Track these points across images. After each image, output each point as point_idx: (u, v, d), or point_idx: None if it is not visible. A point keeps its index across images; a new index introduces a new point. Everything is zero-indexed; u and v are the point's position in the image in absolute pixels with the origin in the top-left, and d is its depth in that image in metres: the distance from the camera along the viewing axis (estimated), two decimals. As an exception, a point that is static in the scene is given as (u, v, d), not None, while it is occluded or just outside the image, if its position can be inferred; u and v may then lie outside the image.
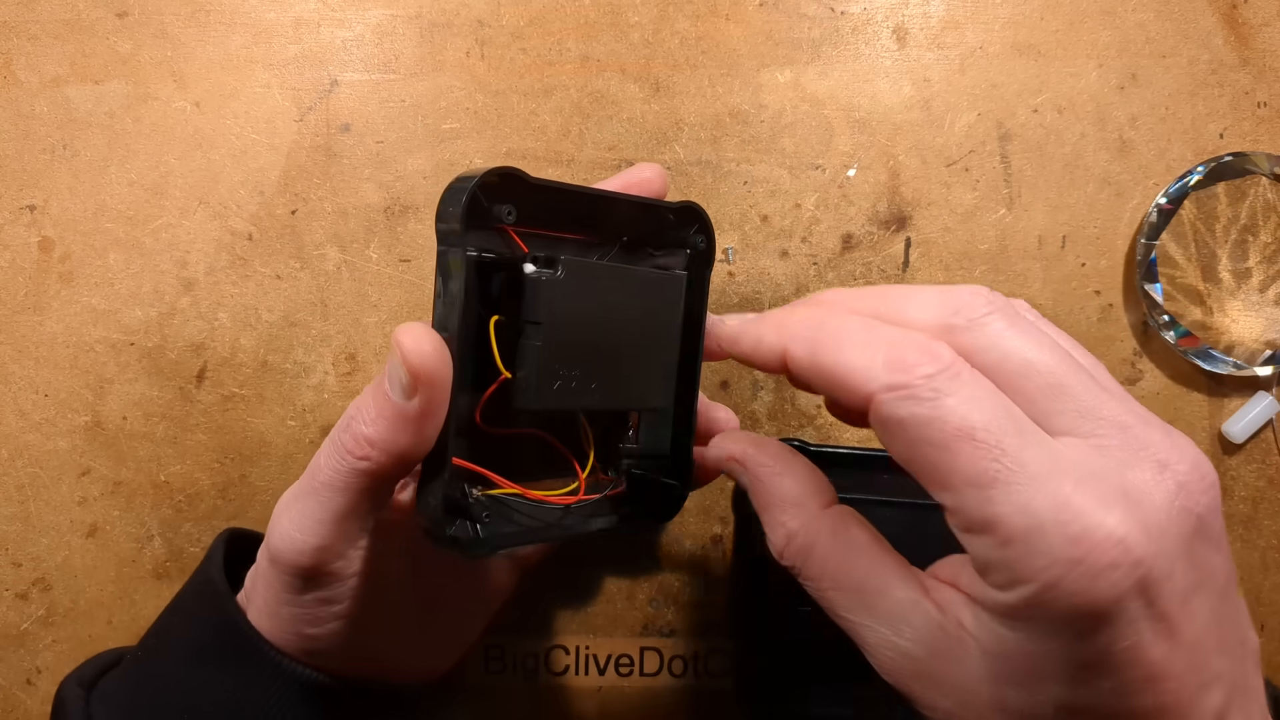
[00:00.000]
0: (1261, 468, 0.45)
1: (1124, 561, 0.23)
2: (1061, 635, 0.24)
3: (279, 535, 0.31)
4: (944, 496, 0.25)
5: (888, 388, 0.25)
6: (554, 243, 0.33)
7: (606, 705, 0.45)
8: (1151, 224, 0.44)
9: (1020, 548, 0.23)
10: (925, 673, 0.27)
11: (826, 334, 0.27)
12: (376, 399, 0.29)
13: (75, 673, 0.37)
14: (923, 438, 0.24)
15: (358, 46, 0.46)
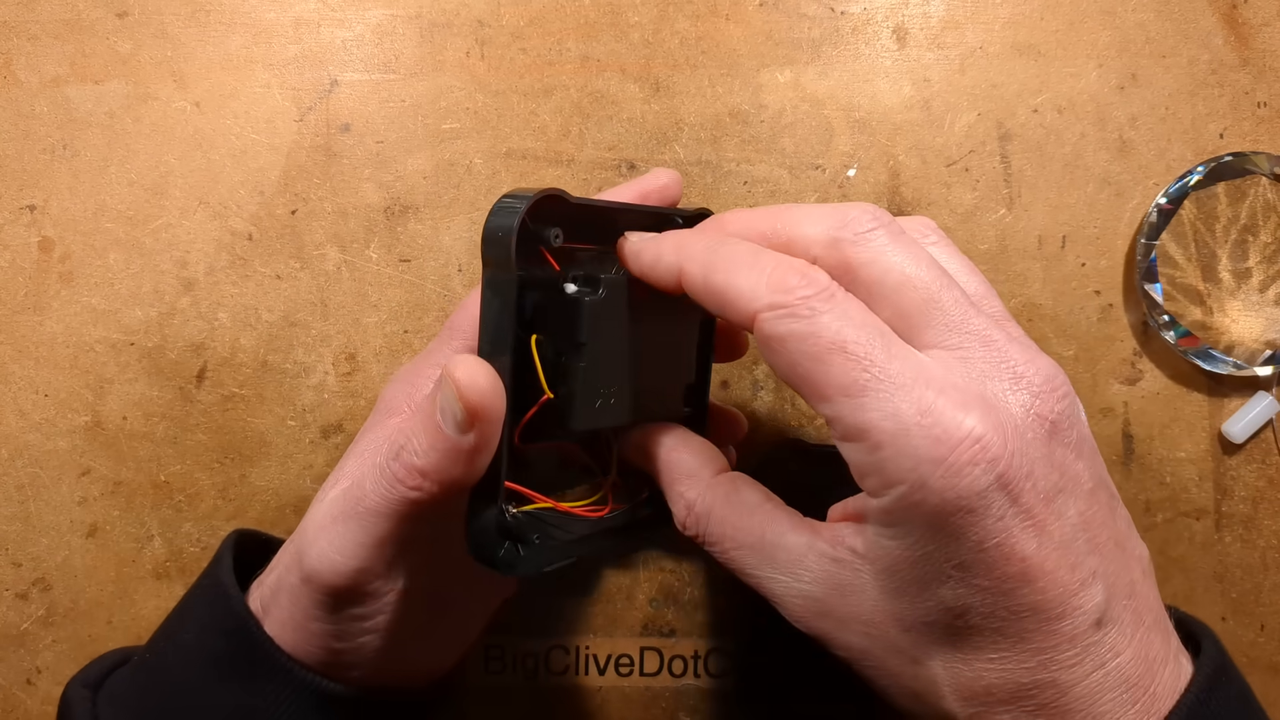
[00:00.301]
0: (1261, 468, 0.45)
1: (982, 459, 0.25)
2: (936, 536, 0.26)
3: (317, 556, 0.31)
4: (823, 407, 0.27)
5: (770, 306, 0.27)
6: (569, 254, 0.33)
7: (606, 705, 0.45)
8: (1151, 224, 0.44)
9: (889, 450, 0.25)
10: (830, 611, 0.28)
11: (719, 257, 0.28)
12: (428, 430, 0.29)
13: (80, 674, 0.36)
14: (800, 351, 0.26)
15: (358, 46, 0.46)
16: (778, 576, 0.29)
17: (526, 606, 0.45)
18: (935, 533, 0.25)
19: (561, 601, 0.45)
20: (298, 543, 0.33)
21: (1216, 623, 0.45)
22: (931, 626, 0.27)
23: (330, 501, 0.32)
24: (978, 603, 0.26)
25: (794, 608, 0.29)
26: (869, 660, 0.29)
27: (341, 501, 0.31)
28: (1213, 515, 0.45)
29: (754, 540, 0.30)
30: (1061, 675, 0.26)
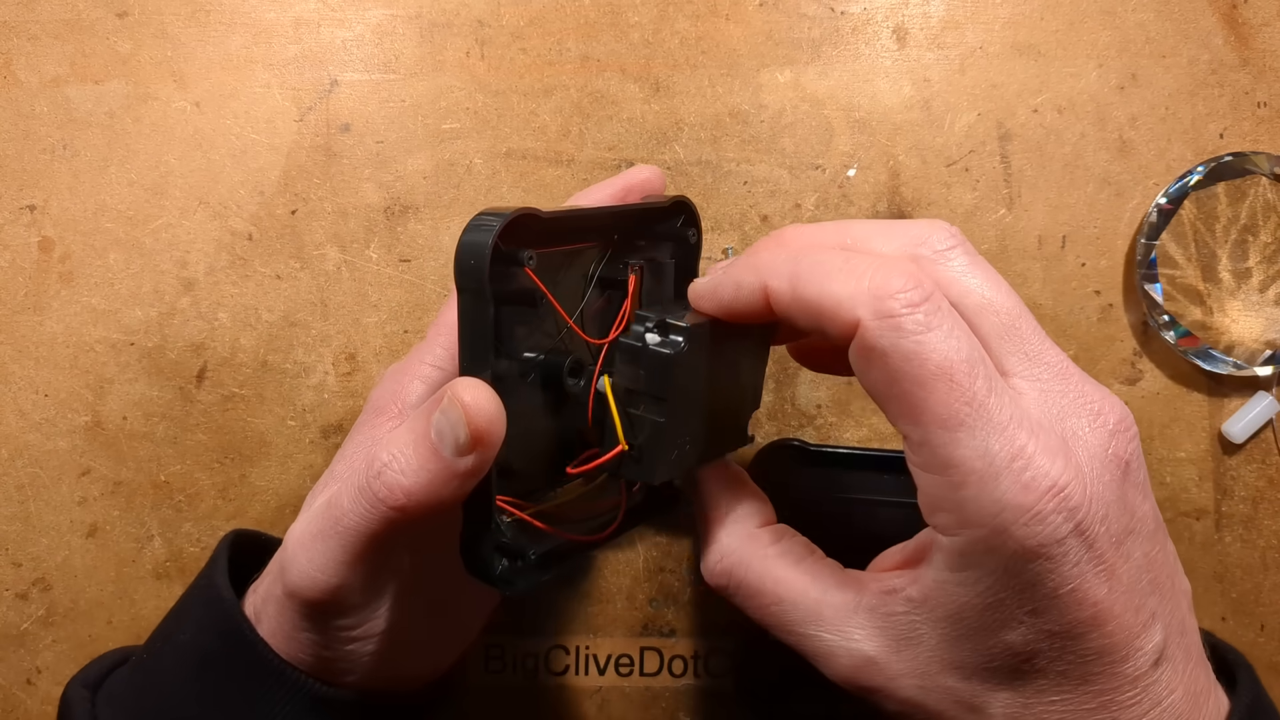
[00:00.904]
0: (1261, 468, 0.45)
1: (1065, 506, 0.24)
2: (1009, 581, 0.25)
3: (298, 573, 0.31)
4: (910, 430, 0.25)
5: (876, 314, 0.25)
6: (551, 257, 0.32)
7: (606, 705, 0.45)
8: (1151, 224, 0.44)
9: (974, 491, 0.24)
10: (883, 666, 0.27)
11: (805, 266, 0.26)
12: (420, 450, 0.28)
13: (80, 674, 0.37)
14: (903, 372, 0.25)
15: (358, 46, 0.46)
16: (823, 635, 0.28)
17: (527, 606, 0.45)
18: (1009, 577, 0.25)
19: (561, 601, 0.45)
20: (282, 556, 0.32)
21: (1216, 623, 0.45)
22: (994, 672, 0.26)
23: (312, 516, 0.31)
24: (1046, 647, 0.25)
25: (843, 668, 0.28)
26: (920, 712, 0.28)
27: (320, 519, 0.30)
28: (1213, 515, 0.45)
29: (796, 596, 0.29)
30: (1121, 715, 0.26)
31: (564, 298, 0.32)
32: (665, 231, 0.36)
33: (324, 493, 0.32)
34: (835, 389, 0.45)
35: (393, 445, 0.29)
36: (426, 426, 0.28)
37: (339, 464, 0.34)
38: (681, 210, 0.36)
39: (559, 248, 0.32)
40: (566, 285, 0.33)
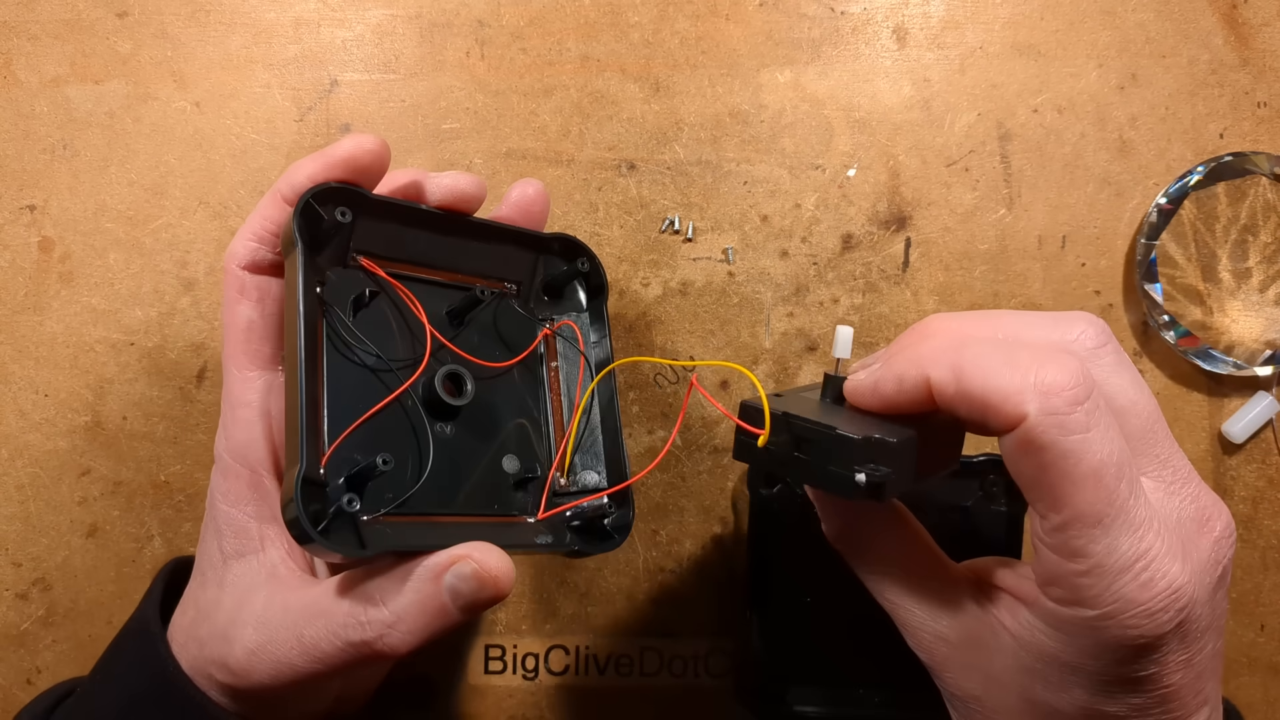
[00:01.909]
0: (1261, 468, 0.45)
1: (1173, 606, 0.26)
2: (1100, 655, 0.27)
3: (241, 658, 0.31)
4: (1049, 516, 0.26)
5: (1043, 411, 0.25)
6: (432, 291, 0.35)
7: (606, 705, 0.45)
8: (1151, 224, 0.44)
9: (1095, 580, 0.26)
10: (958, 657, 0.30)
11: (968, 358, 0.27)
12: (427, 613, 0.30)
13: (29, 706, 0.37)
14: (1058, 467, 0.26)
15: (358, 46, 0.46)
16: (916, 611, 0.31)
17: (527, 606, 0.45)
18: (1100, 653, 0.27)
19: (561, 601, 0.45)
20: (228, 624, 0.32)
21: (1216, 623, 0.45)
22: (1057, 714, 0.28)
23: (274, 638, 0.31)
24: (1113, 711, 0.28)
25: (924, 642, 0.31)
26: (975, 705, 0.30)
27: (288, 646, 0.31)
28: (1213, 515, 0.45)
29: (906, 571, 0.31)
30: None
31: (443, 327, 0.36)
32: (567, 276, 0.38)
33: (251, 596, 0.32)
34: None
35: (394, 606, 0.30)
36: (434, 590, 0.30)
37: (213, 541, 0.34)
38: (576, 252, 0.38)
39: (422, 273, 0.35)
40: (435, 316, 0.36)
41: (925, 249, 0.45)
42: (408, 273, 0.35)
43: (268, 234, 0.33)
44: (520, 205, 0.36)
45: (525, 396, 0.37)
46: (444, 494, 0.34)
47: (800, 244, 0.45)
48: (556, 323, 0.38)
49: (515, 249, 0.37)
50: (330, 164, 0.32)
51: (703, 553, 0.45)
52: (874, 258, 0.45)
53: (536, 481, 0.36)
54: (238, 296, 0.33)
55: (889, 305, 0.45)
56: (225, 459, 0.33)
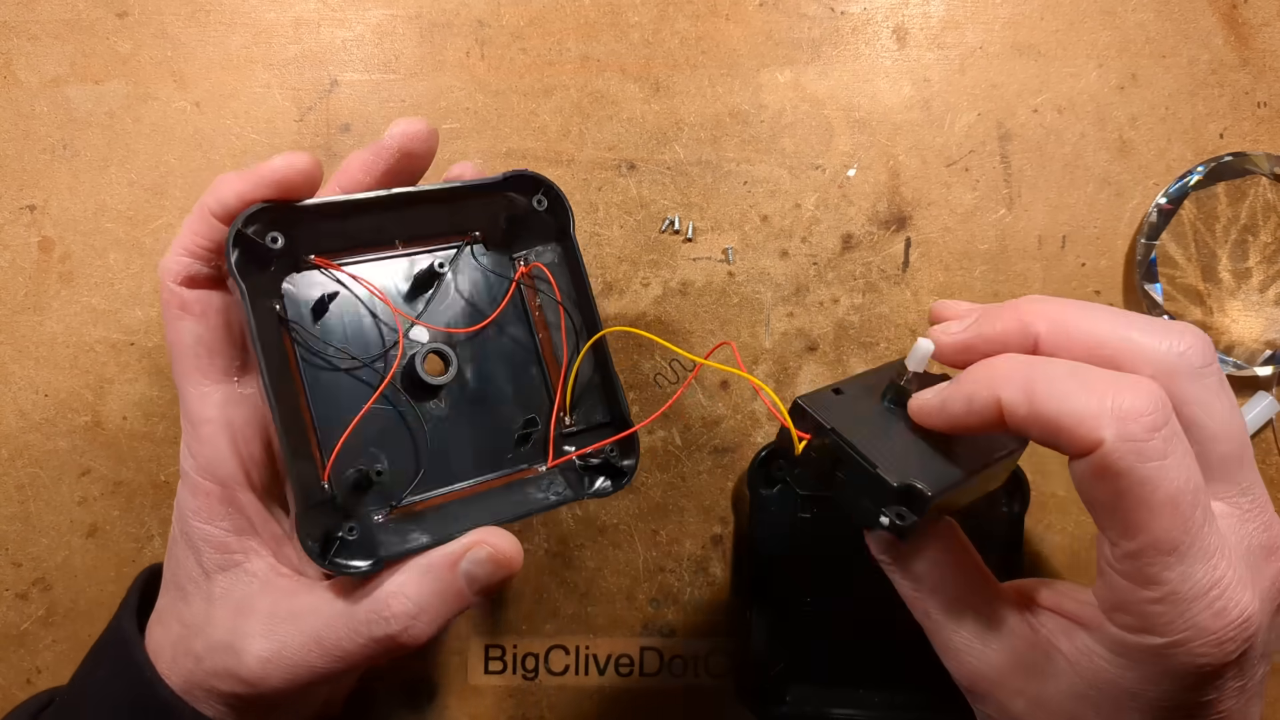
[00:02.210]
0: (1261, 468, 0.45)
1: (1242, 635, 0.26)
2: (1163, 682, 0.27)
3: (255, 667, 0.31)
4: (1122, 543, 0.26)
5: (1120, 437, 0.25)
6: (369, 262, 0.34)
7: (606, 705, 0.45)
8: (1151, 224, 0.44)
9: (1168, 608, 0.26)
10: (1005, 682, 0.29)
11: (1041, 380, 0.26)
12: (445, 598, 0.31)
13: (11, 715, 0.37)
14: (1134, 494, 0.25)
15: (358, 46, 0.46)
16: (961, 633, 0.30)
17: (527, 606, 0.45)
18: (1164, 679, 0.27)
19: (561, 601, 0.45)
20: (230, 636, 0.32)
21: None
22: None
23: (283, 638, 0.32)
24: None
25: (969, 666, 0.30)
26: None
27: (300, 648, 0.31)
28: (1213, 515, 0.45)
29: (956, 593, 0.30)
30: None
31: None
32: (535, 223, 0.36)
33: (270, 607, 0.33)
34: (835, 389, 0.45)
35: (415, 598, 0.31)
36: (452, 578, 0.31)
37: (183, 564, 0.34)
38: (532, 187, 0.35)
39: (365, 251, 0.34)
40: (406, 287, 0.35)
41: (925, 249, 0.45)
42: (366, 257, 0.34)
43: (199, 249, 0.32)
44: (402, 146, 0.34)
45: (514, 345, 0.36)
46: (450, 468, 0.34)
47: (800, 244, 0.45)
48: (529, 264, 0.36)
49: (470, 202, 0.35)
50: (260, 183, 0.31)
51: (703, 553, 0.45)
52: (874, 258, 0.45)
53: (541, 430, 0.36)
54: (179, 313, 0.32)
55: (889, 305, 0.45)
56: (193, 477, 0.33)
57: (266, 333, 0.31)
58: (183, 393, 0.33)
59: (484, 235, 0.36)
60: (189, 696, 0.32)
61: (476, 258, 0.36)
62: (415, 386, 0.34)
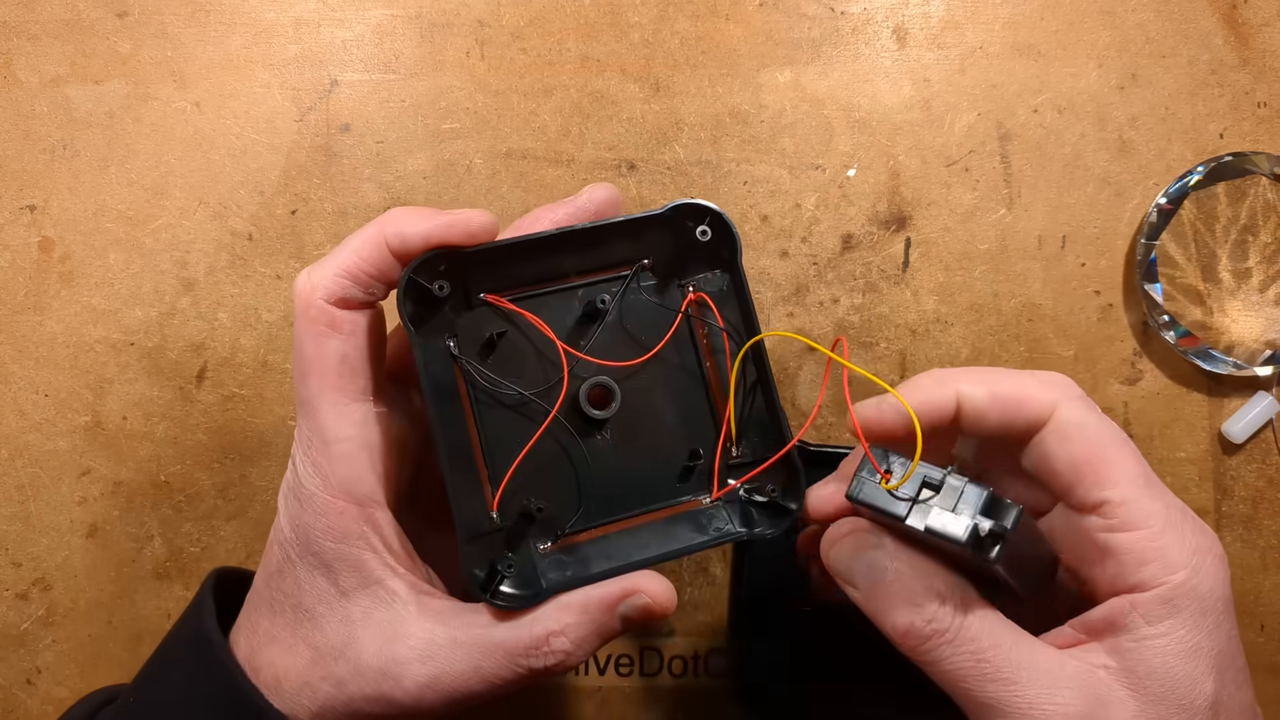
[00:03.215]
0: (1261, 468, 0.45)
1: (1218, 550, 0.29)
2: (1202, 622, 0.28)
3: (413, 690, 0.32)
4: (1109, 494, 0.29)
5: (1071, 398, 0.30)
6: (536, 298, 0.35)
7: (606, 705, 0.45)
8: (1151, 224, 0.44)
9: (1174, 536, 0.28)
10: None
11: (991, 372, 0.31)
12: (600, 633, 0.32)
13: (67, 714, 0.36)
14: (1100, 439, 0.29)
15: (358, 46, 0.46)
16: (1027, 692, 0.29)
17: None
18: (1204, 618, 0.28)
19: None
20: (383, 660, 0.32)
21: (1216, 623, 0.45)
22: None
23: (439, 666, 0.32)
24: (1228, 695, 0.28)
25: (1050, 717, 0.28)
26: None
27: (457, 659, 0.32)
28: (1213, 515, 0.45)
29: (1005, 654, 0.29)
30: None
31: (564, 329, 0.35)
32: (695, 249, 0.35)
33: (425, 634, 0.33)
34: (835, 389, 0.45)
35: (573, 635, 0.32)
36: (609, 619, 0.32)
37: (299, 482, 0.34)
38: (696, 216, 0.35)
39: (531, 290, 0.34)
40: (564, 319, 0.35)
41: (925, 249, 0.45)
42: (536, 291, 0.35)
43: (362, 274, 0.32)
44: (590, 210, 0.35)
45: (680, 375, 0.36)
46: (613, 500, 0.35)
47: (800, 244, 0.45)
48: (694, 292, 0.36)
49: (637, 233, 0.35)
50: (448, 228, 0.32)
51: (703, 553, 0.45)
52: (874, 258, 0.45)
53: (706, 461, 0.36)
54: (328, 331, 0.32)
55: (889, 305, 0.45)
56: (321, 497, 0.32)
57: (436, 372, 0.33)
58: (316, 410, 0.32)
59: (652, 263, 0.36)
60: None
61: (641, 288, 0.36)
62: (580, 420, 0.35)
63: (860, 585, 0.31)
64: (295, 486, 0.33)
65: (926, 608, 0.30)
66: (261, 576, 0.34)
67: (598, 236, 0.34)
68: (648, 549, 0.34)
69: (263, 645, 0.33)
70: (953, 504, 0.28)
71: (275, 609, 0.33)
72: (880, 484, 0.29)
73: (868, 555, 0.31)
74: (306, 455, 0.33)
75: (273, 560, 0.33)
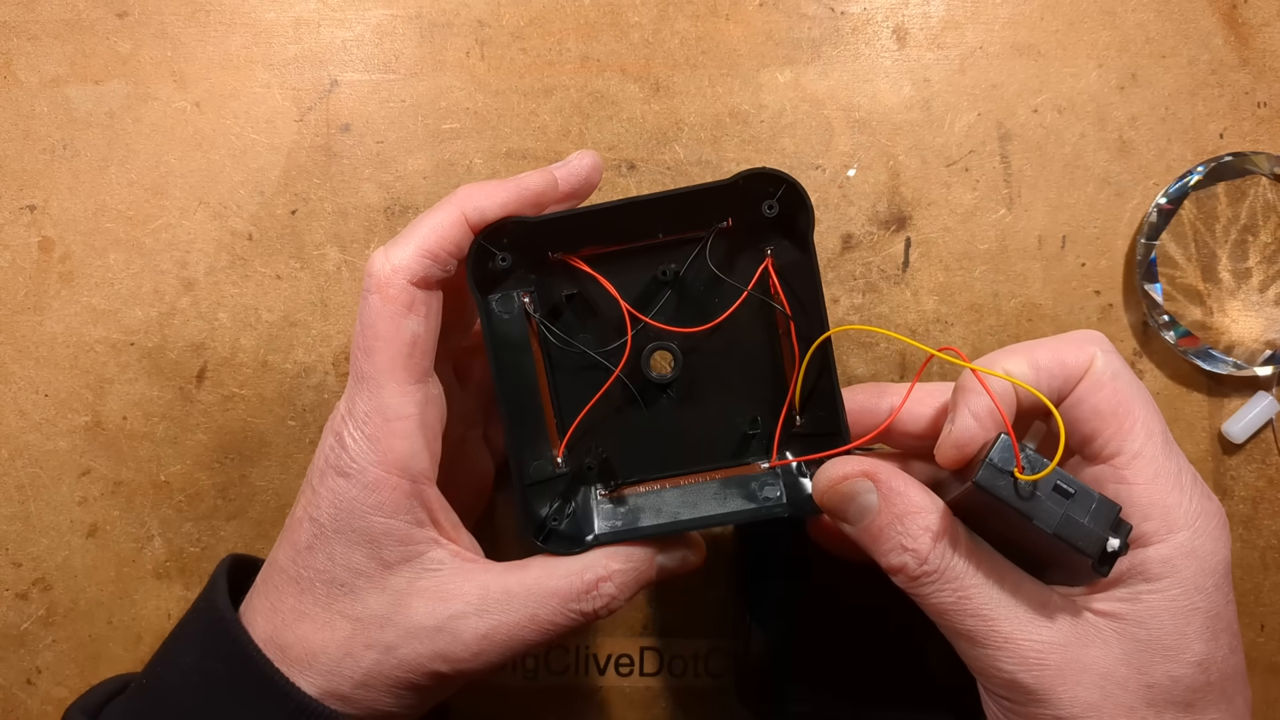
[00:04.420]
0: (1261, 468, 0.45)
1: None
2: (1202, 585, 0.29)
3: (472, 643, 0.33)
4: (1127, 445, 0.30)
5: (1106, 351, 0.31)
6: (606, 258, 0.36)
7: (606, 705, 0.45)
8: (1151, 224, 0.44)
9: (1182, 497, 0.29)
10: (1068, 662, 0.29)
11: (1023, 347, 0.32)
12: (642, 576, 0.35)
13: (79, 701, 0.36)
14: (1131, 393, 0.31)
15: (358, 46, 0.46)
16: (1014, 616, 0.29)
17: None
18: (1203, 580, 0.29)
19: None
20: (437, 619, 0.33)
21: (1216, 623, 0.45)
22: (1176, 682, 0.29)
23: (500, 615, 0.33)
24: (1219, 657, 0.29)
25: (1023, 649, 0.29)
26: (1091, 716, 0.29)
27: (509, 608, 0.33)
28: (1213, 515, 0.45)
29: (998, 575, 0.30)
30: None
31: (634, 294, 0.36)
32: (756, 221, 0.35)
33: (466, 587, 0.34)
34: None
35: (619, 580, 0.34)
36: (649, 566, 0.35)
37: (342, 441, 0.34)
38: (768, 184, 0.34)
39: (608, 248, 0.35)
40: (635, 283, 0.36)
41: (925, 249, 0.45)
42: (609, 250, 0.35)
43: (443, 252, 0.33)
44: (575, 177, 0.36)
45: (747, 343, 0.36)
46: (671, 456, 0.37)
47: (800, 244, 0.45)
48: (769, 258, 0.35)
49: (708, 201, 0.34)
50: (520, 195, 0.33)
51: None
52: (874, 258, 0.45)
53: (767, 427, 0.36)
54: (405, 311, 0.33)
55: (889, 305, 0.45)
56: (374, 472, 0.32)
57: (505, 329, 0.35)
58: (381, 388, 0.33)
59: (730, 227, 0.35)
60: (366, 690, 0.33)
61: (709, 257, 0.35)
62: (643, 381, 0.36)
63: (855, 523, 0.32)
64: (340, 462, 0.33)
65: (919, 551, 0.31)
66: (286, 554, 0.34)
67: (663, 206, 0.34)
68: (696, 509, 0.36)
69: (291, 622, 0.33)
70: (1084, 514, 0.28)
71: (303, 585, 0.33)
72: (1015, 473, 0.29)
73: (859, 500, 0.32)
74: (362, 430, 0.33)
75: (301, 537, 0.34)
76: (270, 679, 0.32)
